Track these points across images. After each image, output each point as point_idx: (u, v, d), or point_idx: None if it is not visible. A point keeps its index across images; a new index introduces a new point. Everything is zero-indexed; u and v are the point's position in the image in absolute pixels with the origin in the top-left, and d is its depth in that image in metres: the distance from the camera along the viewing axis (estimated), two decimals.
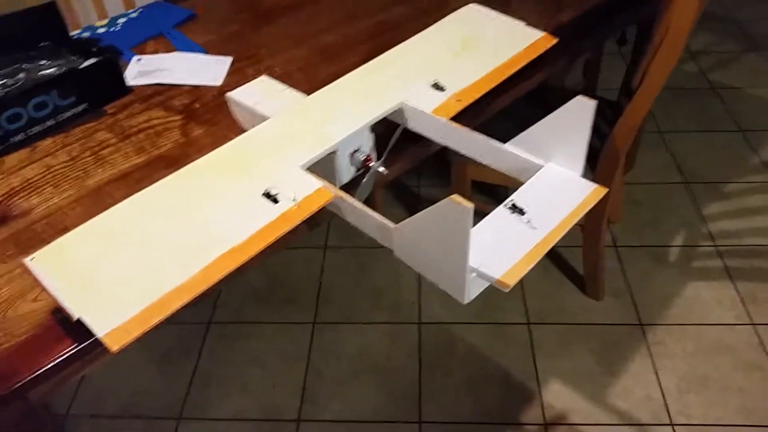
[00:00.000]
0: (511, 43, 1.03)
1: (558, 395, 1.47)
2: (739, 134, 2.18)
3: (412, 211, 1.95)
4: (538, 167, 0.76)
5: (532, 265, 0.64)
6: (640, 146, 2.05)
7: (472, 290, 0.65)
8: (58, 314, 0.70)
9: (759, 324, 1.59)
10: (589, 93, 1.81)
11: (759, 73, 2.48)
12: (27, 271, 0.68)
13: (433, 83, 0.93)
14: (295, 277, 1.81)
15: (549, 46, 1.04)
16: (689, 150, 2.13)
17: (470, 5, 1.11)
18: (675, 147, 2.15)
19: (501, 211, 0.70)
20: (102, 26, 1.27)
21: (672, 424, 1.40)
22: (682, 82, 2.45)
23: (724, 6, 2.91)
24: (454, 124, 0.84)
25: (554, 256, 1.80)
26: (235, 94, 0.93)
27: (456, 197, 0.56)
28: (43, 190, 0.88)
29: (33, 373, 0.66)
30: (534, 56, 1.02)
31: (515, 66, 0.99)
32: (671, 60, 1.19)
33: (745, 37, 2.70)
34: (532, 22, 1.06)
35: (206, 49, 1.18)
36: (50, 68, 0.99)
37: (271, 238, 0.70)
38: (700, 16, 1.21)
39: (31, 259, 0.69)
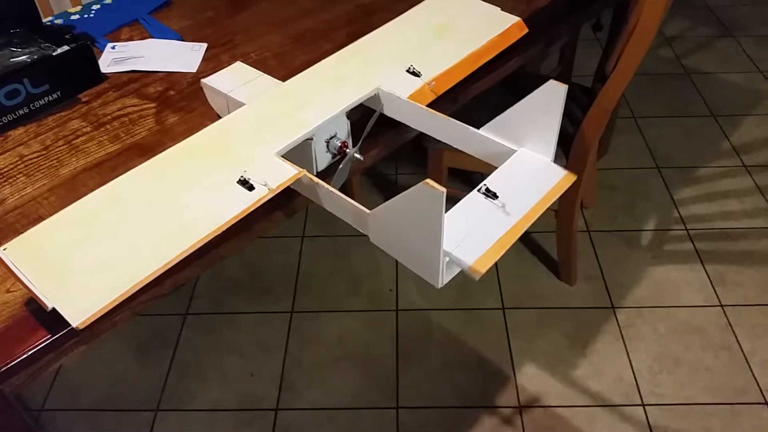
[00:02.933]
0: (485, 28, 1.04)
1: (532, 378, 1.50)
2: (711, 119, 2.22)
3: (389, 198, 1.96)
4: (511, 152, 0.77)
5: (503, 252, 0.65)
6: (614, 132, 2.08)
7: (447, 274, 0.66)
8: (32, 305, 0.70)
9: (727, 305, 1.63)
10: (564, 79, 1.82)
11: (732, 58, 2.52)
12: (0, 262, 0.68)
13: (408, 69, 0.93)
14: (273, 266, 1.81)
15: (523, 33, 1.05)
16: (662, 135, 2.17)
17: None
18: (648, 132, 2.18)
19: (475, 196, 0.71)
20: (76, 13, 1.26)
21: (644, 405, 1.43)
22: (657, 68, 2.49)
23: None
24: (430, 110, 0.85)
25: (528, 242, 1.82)
26: (210, 81, 0.93)
27: (429, 181, 0.57)
28: (16, 180, 0.87)
29: (6, 365, 0.66)
30: (509, 42, 1.03)
31: (491, 52, 1.00)
32: (644, 45, 1.21)
33: (719, 22, 2.75)
34: (507, 8, 1.07)
35: (181, 36, 1.17)
36: (22, 55, 0.98)
37: (236, 220, 0.70)
38: (674, 2, 1.22)
39: (4, 249, 0.68)
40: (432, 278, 0.67)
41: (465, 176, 1.94)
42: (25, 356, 0.67)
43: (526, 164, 0.76)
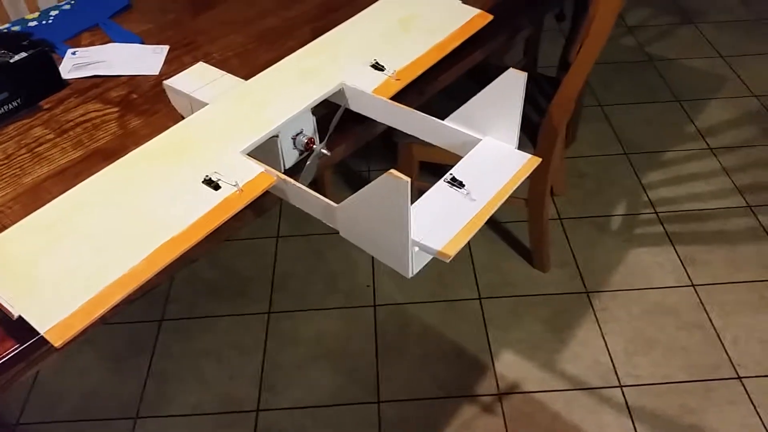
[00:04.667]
0: (447, 21, 1.04)
1: (510, 365, 1.51)
2: (675, 104, 2.26)
3: None
4: (476, 141, 0.78)
5: (471, 235, 0.65)
6: (581, 120, 2.10)
7: (416, 264, 0.67)
8: None
9: (698, 285, 1.66)
10: (530, 69, 1.84)
11: (693, 45, 2.56)
12: None
13: (372, 63, 0.94)
14: (248, 268, 1.80)
15: (485, 23, 1.06)
16: (628, 121, 2.20)
17: None
18: (615, 119, 2.21)
19: (441, 185, 0.72)
20: (33, 19, 1.24)
21: (621, 386, 1.46)
22: (621, 56, 2.52)
23: None
24: (394, 103, 0.85)
25: (501, 231, 1.83)
26: (172, 82, 0.92)
27: (393, 172, 0.57)
28: None
29: None
30: (470, 34, 1.04)
31: (452, 44, 1.01)
32: (604, 32, 1.23)
33: (680, 10, 2.79)
34: (469, 1, 1.08)
35: (143, 39, 1.16)
36: None
37: (213, 225, 0.70)
38: None
39: None
40: (402, 269, 0.67)
41: (436, 169, 1.95)
42: None
43: (490, 152, 0.76)
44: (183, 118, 0.93)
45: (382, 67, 0.94)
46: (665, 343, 1.53)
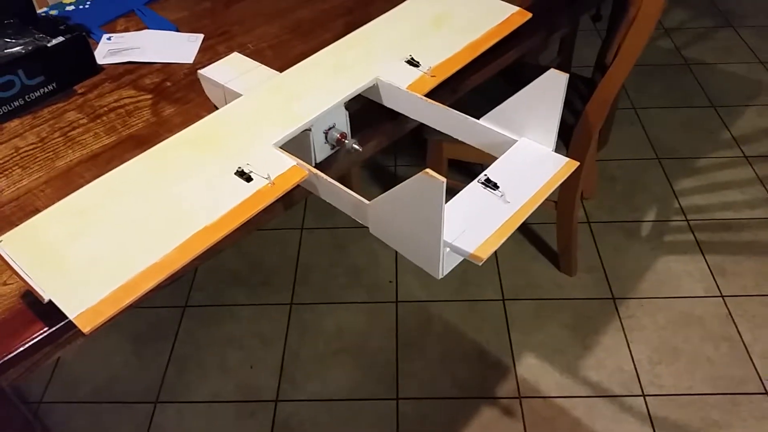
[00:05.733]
0: (485, 18, 1.03)
1: (532, 369, 1.50)
2: (711, 110, 2.21)
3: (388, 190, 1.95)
4: (512, 142, 0.76)
5: (504, 239, 0.64)
6: (614, 123, 2.07)
7: (447, 265, 0.66)
8: (29, 297, 0.69)
9: (727, 296, 1.62)
10: (564, 69, 1.81)
11: (731, 49, 2.51)
12: None
13: (407, 59, 0.93)
14: (272, 258, 1.81)
15: (523, 21, 1.04)
16: (662, 126, 2.16)
17: None
18: (648, 123, 2.17)
19: (474, 186, 0.70)
20: (70, 4, 1.24)
21: (644, 395, 1.43)
22: (657, 59, 2.47)
23: None
24: (429, 100, 0.84)
25: (528, 233, 1.81)
26: (207, 72, 0.92)
27: (429, 171, 0.56)
28: (12, 172, 0.87)
29: (3, 358, 0.65)
30: (508, 31, 1.02)
31: (489, 41, 0.99)
32: (644, 35, 1.20)
33: (719, 13, 2.73)
34: None
35: (177, 27, 1.16)
36: (16, 46, 0.97)
37: (245, 216, 0.70)
38: None
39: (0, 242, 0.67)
40: (432, 269, 0.66)
41: (465, 168, 1.93)
42: (22, 349, 0.66)
43: (526, 154, 0.75)
44: (216, 108, 0.93)
45: (418, 63, 0.92)
46: (691, 354, 1.51)
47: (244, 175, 0.74)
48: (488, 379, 1.48)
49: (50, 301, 0.63)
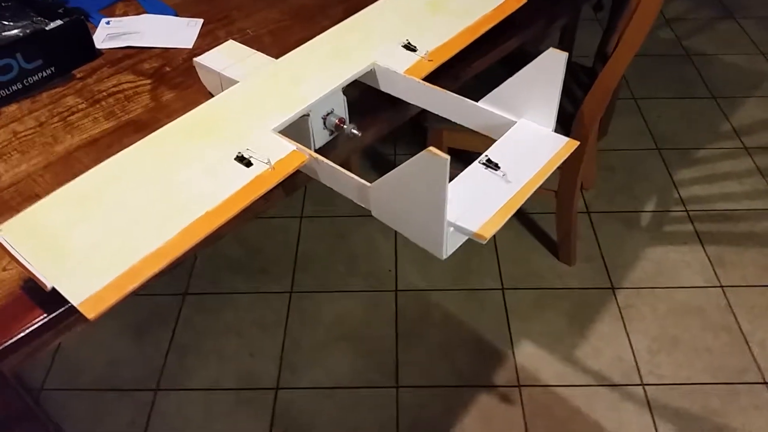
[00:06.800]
0: (481, 3, 1.02)
1: (531, 357, 1.50)
2: (711, 101, 2.21)
3: None
4: (511, 123, 0.76)
5: (507, 217, 0.64)
6: (614, 113, 2.06)
7: (450, 245, 0.66)
8: (29, 283, 0.69)
9: (727, 286, 1.62)
10: None
11: (732, 40, 2.50)
12: None
13: (404, 44, 0.92)
14: (271, 246, 1.81)
15: (517, 6, 1.04)
16: (662, 116, 2.15)
17: None
18: (648, 113, 2.17)
19: (476, 167, 0.70)
20: None
21: (643, 384, 1.44)
22: (657, 49, 2.46)
23: None
24: (427, 84, 0.84)
25: (528, 223, 1.81)
26: (202, 59, 0.91)
27: (432, 149, 0.56)
28: (10, 157, 0.86)
29: (3, 344, 0.65)
30: (504, 16, 1.01)
31: (484, 26, 0.99)
32: (646, 24, 1.20)
33: (720, 4, 2.72)
34: None
35: (177, 11, 1.16)
36: (14, 29, 0.96)
37: (246, 201, 0.69)
38: None
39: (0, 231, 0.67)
40: (436, 249, 0.66)
41: (466, 157, 1.93)
42: (22, 335, 0.66)
43: (526, 134, 0.75)
44: (213, 95, 0.93)
45: (414, 47, 0.92)
46: (690, 344, 1.51)
47: (244, 160, 0.73)
48: (487, 368, 1.49)
49: (53, 289, 0.63)
